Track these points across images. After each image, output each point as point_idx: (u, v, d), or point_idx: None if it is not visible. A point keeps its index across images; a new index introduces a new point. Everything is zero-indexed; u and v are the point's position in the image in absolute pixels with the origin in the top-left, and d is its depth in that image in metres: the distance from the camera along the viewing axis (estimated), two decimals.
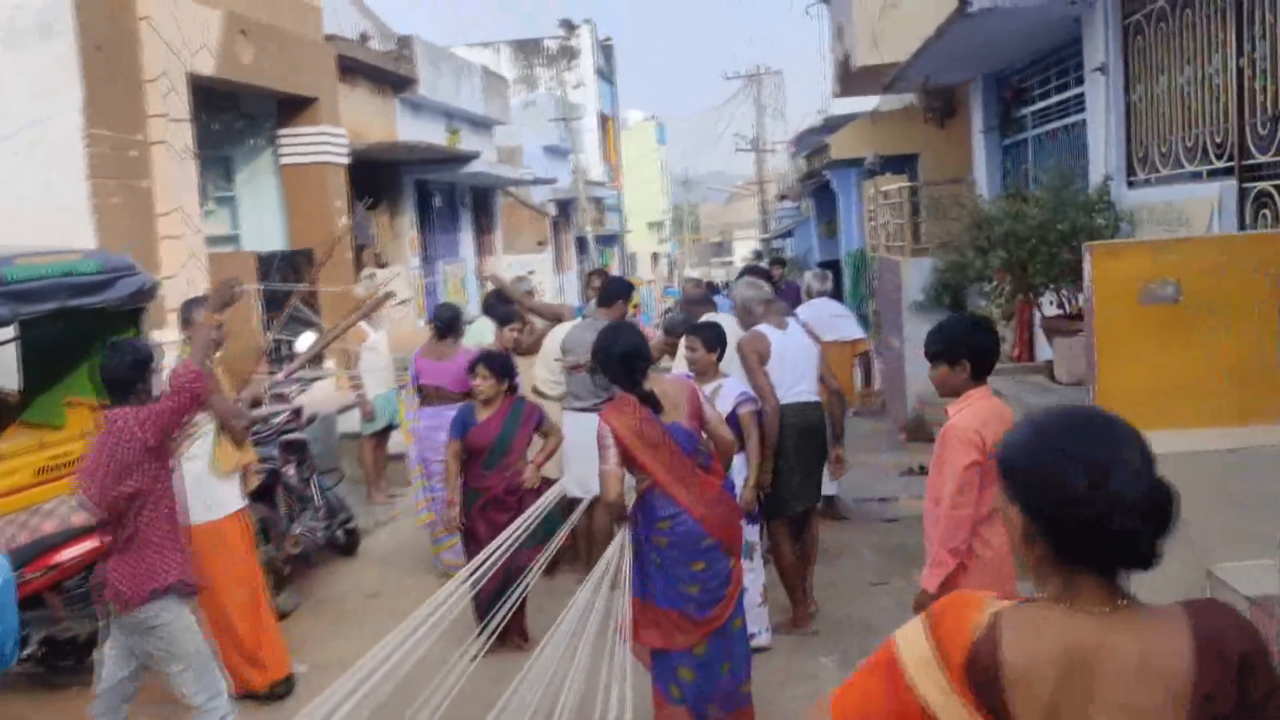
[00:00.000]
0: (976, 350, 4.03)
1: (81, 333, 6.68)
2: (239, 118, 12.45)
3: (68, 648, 5.90)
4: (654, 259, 49.68)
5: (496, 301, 8.83)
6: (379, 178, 15.44)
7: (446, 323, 7.96)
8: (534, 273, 16.37)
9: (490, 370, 6.31)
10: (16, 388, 7.21)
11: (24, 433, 6.67)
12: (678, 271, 52.95)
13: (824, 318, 9.17)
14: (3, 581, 4.64)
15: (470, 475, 6.35)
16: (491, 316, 8.78)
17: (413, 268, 16.40)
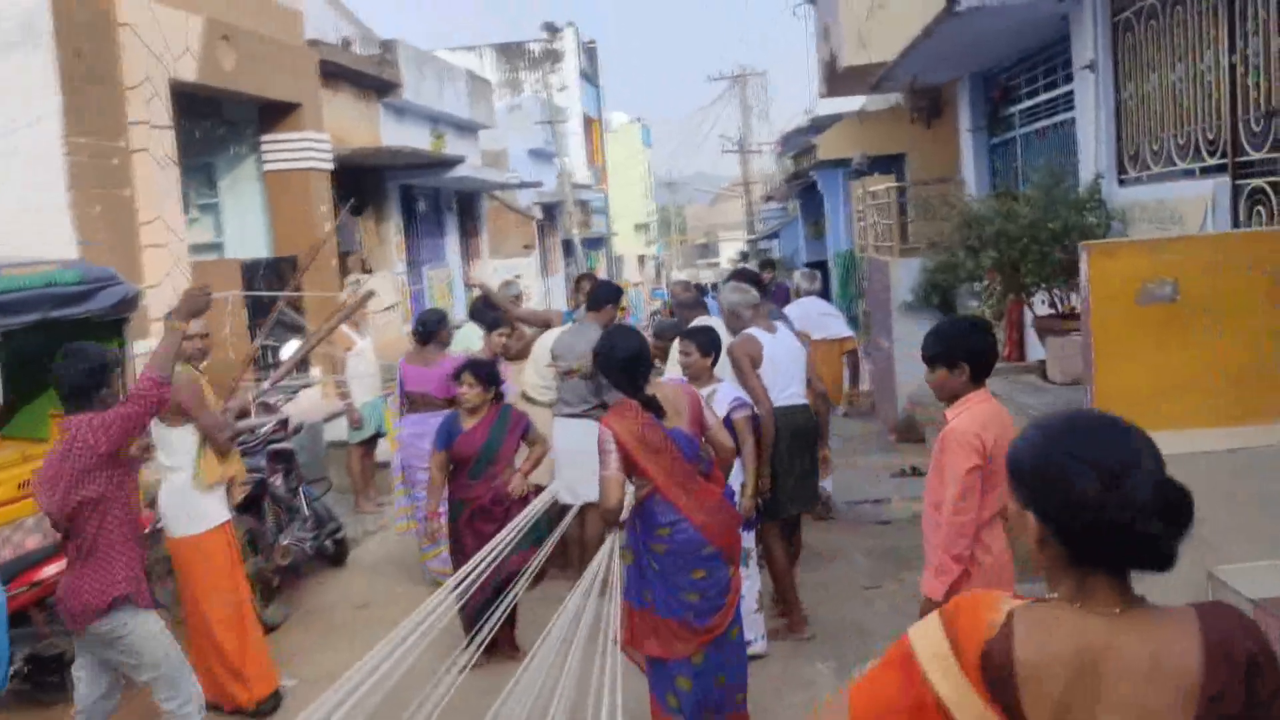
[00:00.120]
0: (975, 353, 3.98)
1: (64, 345, 6.57)
2: (221, 124, 12.34)
3: (53, 665, 5.80)
4: (641, 261, 49.64)
5: (484, 307, 8.75)
6: (363, 183, 15.34)
7: (428, 328, 7.87)
8: (520, 277, 16.29)
9: (476, 378, 6.18)
10: None
11: (6, 447, 6.55)
12: (665, 273, 52.92)
13: (813, 316, 9.21)
14: None
15: (456, 485, 6.22)
16: (479, 322, 8.68)
17: (398, 273, 16.30)
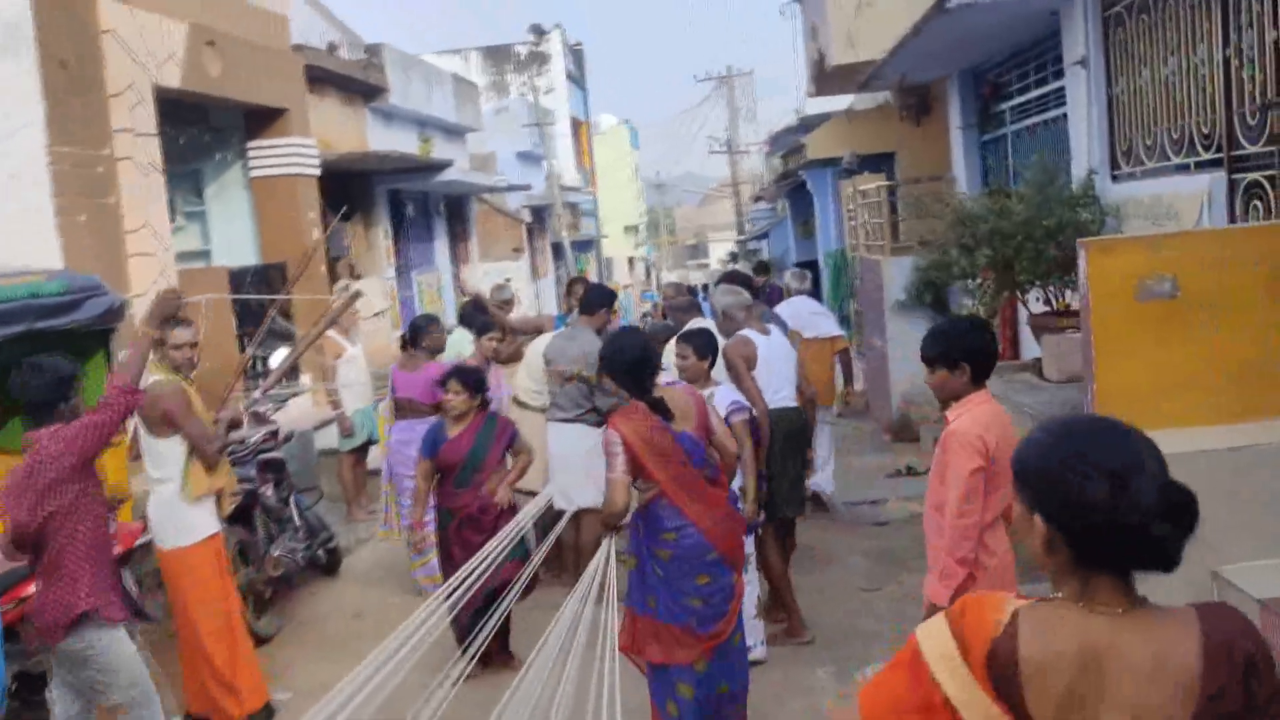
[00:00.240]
0: (976, 353, 3.93)
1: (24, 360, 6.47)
2: (207, 131, 12.23)
3: (40, 683, 5.69)
4: (630, 263, 49.58)
5: (473, 311, 8.67)
6: (351, 188, 15.25)
7: (413, 332, 7.80)
8: (510, 280, 16.22)
9: (463, 385, 6.06)
10: None
11: None
12: (655, 275, 52.87)
13: (803, 315, 9.16)
14: None
15: (442, 494, 6.12)
16: (468, 326, 8.60)
17: (388, 278, 16.22)
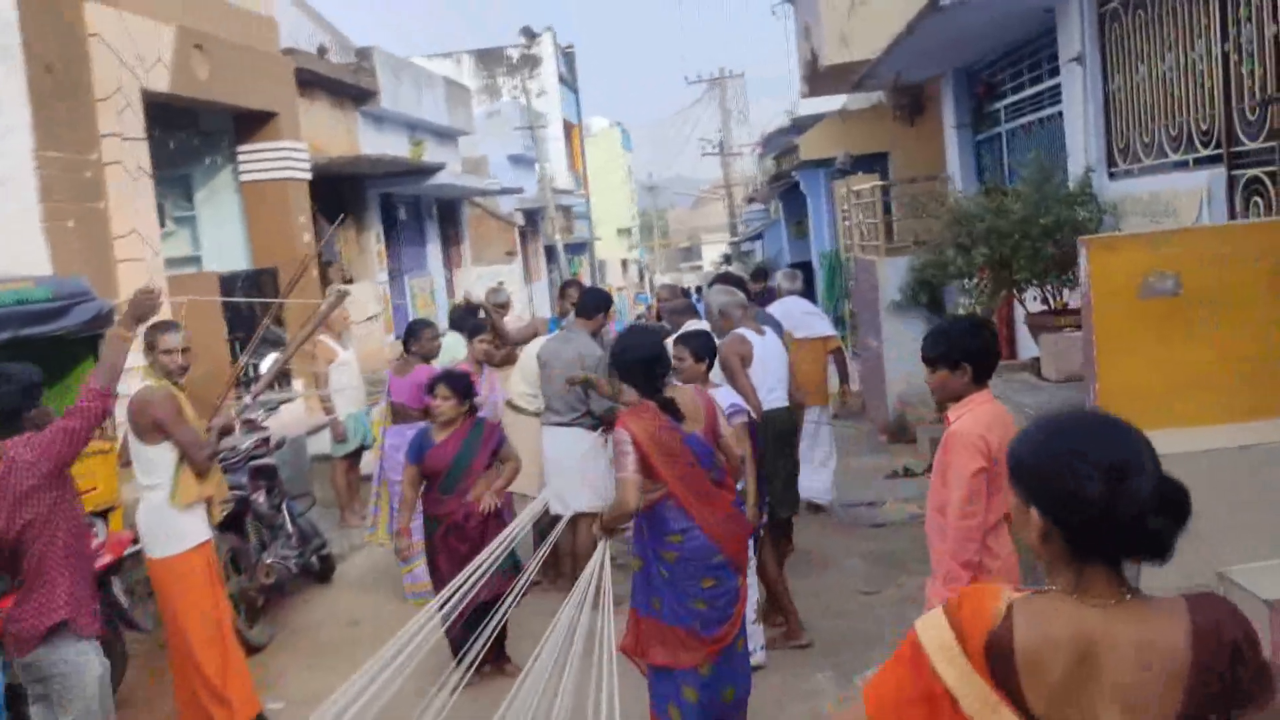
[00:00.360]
0: (977, 353, 3.87)
1: (37, 363, 6.38)
2: (197, 135, 12.14)
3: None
4: (624, 266, 49.53)
5: (464, 314, 8.59)
6: (342, 192, 15.16)
7: (405, 335, 7.76)
8: (503, 283, 16.16)
9: (452, 390, 5.94)
10: None
11: None
12: (648, 277, 52.81)
13: (795, 315, 9.10)
14: None
15: (429, 501, 6.00)
16: (459, 330, 8.51)
17: (380, 282, 16.13)
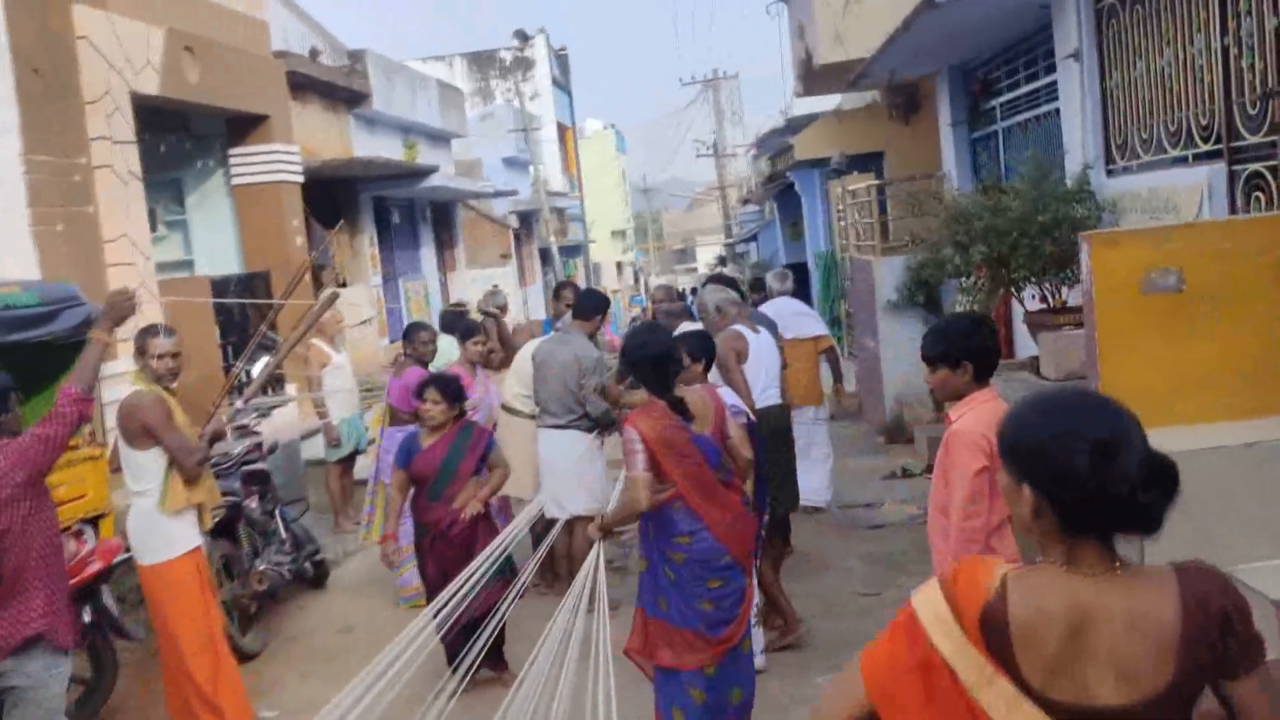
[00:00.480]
0: (978, 351, 3.79)
1: (25, 369, 6.32)
2: (188, 138, 12.06)
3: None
4: (619, 268, 49.47)
5: (454, 317, 8.49)
6: (335, 195, 15.09)
7: (403, 338, 7.71)
8: (497, 286, 16.10)
9: (441, 394, 5.80)
10: None
11: None
12: (643, 279, 52.76)
13: (786, 316, 9.04)
14: None
15: (417, 507, 5.87)
16: (451, 332, 8.40)
17: (373, 286, 16.06)
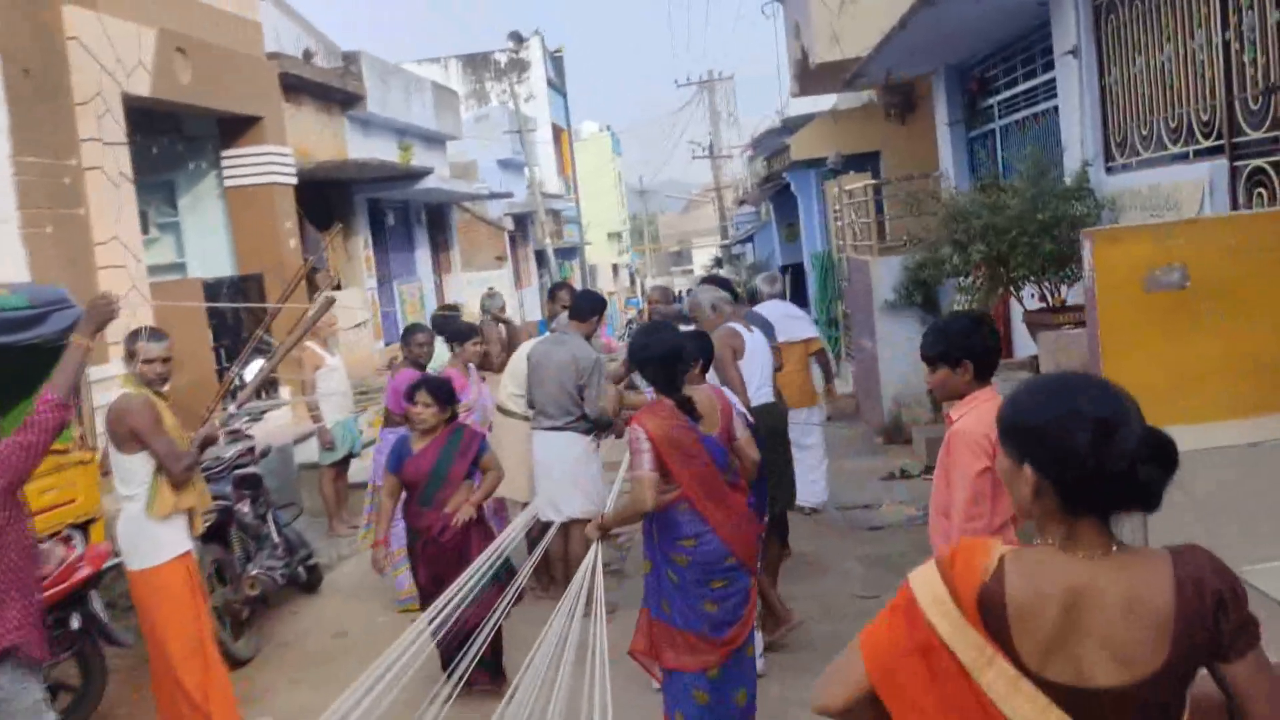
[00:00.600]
0: (978, 350, 3.71)
1: (13, 372, 6.24)
2: (180, 140, 11.99)
3: None
4: (615, 270, 49.40)
5: (444, 319, 8.37)
6: (329, 198, 15.02)
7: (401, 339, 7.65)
8: (493, 288, 16.02)
9: (433, 397, 5.66)
10: None
11: None
12: (639, 282, 52.71)
13: (776, 319, 8.96)
14: None
15: (409, 513, 5.75)
16: (440, 334, 8.27)
17: (368, 288, 15.99)
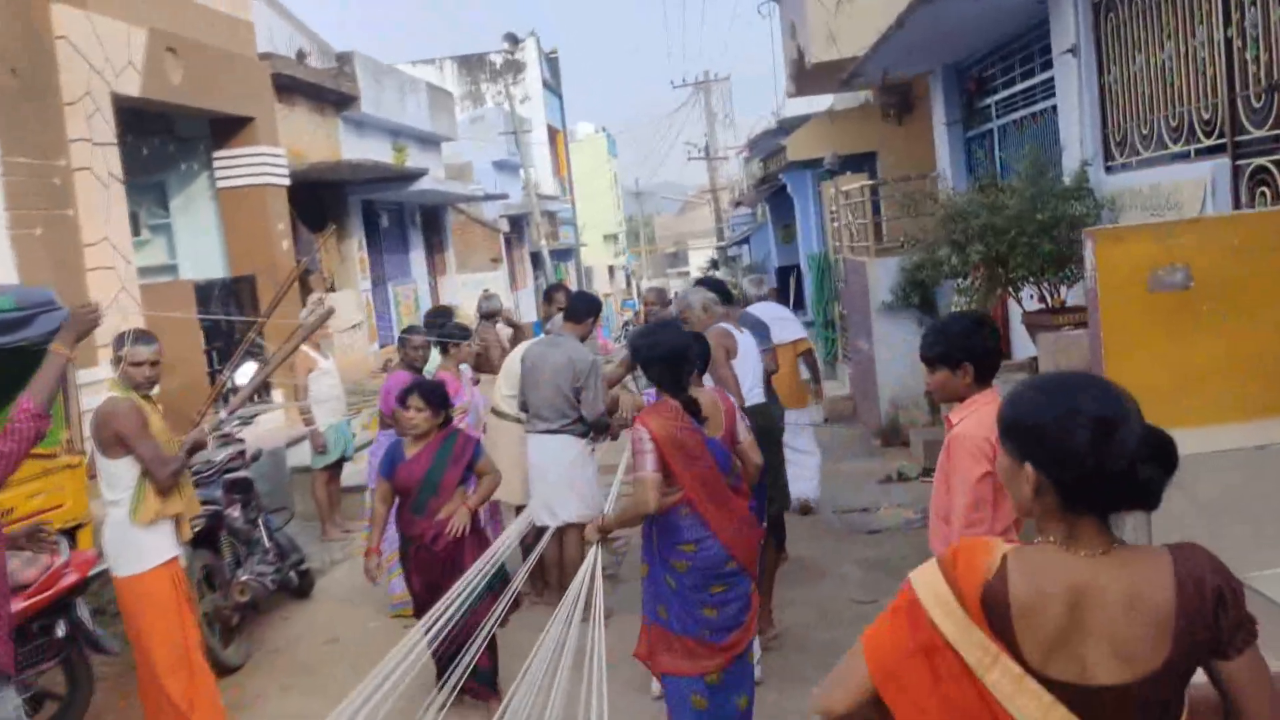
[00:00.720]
0: (980, 352, 3.63)
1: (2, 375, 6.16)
2: (171, 140, 11.90)
3: None
4: (610, 272, 49.36)
5: (435, 320, 8.23)
6: (323, 199, 14.94)
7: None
8: (489, 291, 15.96)
9: (425, 401, 5.52)
10: None
11: None
12: (635, 283, 52.67)
13: (765, 320, 8.90)
14: None
15: (402, 520, 5.62)
16: (434, 335, 8.18)
17: (362, 290, 15.90)
